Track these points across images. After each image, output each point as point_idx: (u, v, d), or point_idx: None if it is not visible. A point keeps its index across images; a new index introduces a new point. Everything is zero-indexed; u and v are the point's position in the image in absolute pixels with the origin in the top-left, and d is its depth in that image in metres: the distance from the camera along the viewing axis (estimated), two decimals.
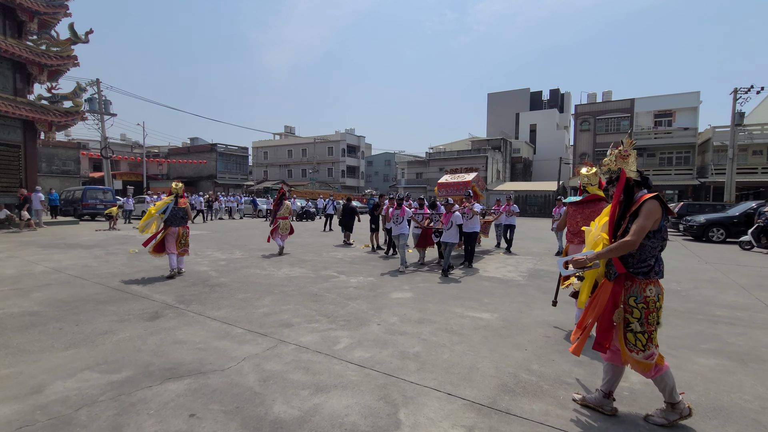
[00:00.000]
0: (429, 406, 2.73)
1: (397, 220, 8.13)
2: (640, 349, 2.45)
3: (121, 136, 52.89)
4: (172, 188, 7.16)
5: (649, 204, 2.40)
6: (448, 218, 7.45)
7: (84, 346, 3.71)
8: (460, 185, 10.63)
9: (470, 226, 8.35)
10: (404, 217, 8.10)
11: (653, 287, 2.45)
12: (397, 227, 8.16)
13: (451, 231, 7.47)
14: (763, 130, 28.88)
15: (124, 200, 20.47)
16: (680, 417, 2.51)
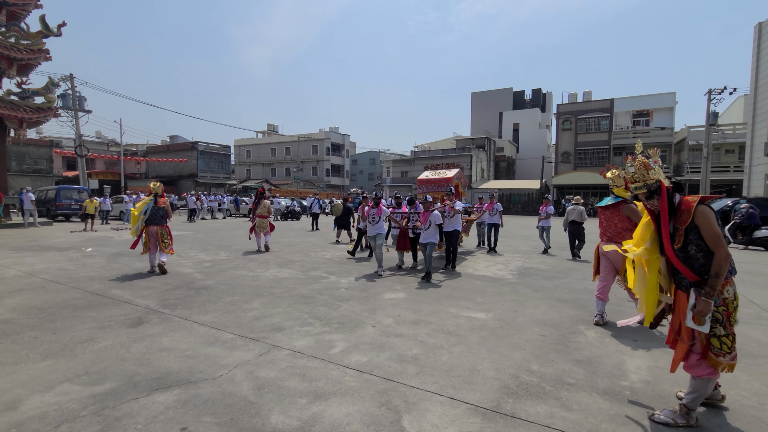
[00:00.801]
0: (432, 411, 2.65)
1: (374, 219, 7.53)
2: (727, 351, 2.40)
3: (96, 133, 51.06)
4: (151, 188, 7.35)
5: (706, 210, 2.37)
6: (427, 217, 7.01)
7: (62, 356, 3.49)
8: (441, 182, 10.10)
9: (452, 224, 7.87)
10: (381, 216, 7.56)
11: (729, 288, 2.42)
12: (373, 227, 7.56)
13: (430, 231, 6.99)
14: (735, 130, 29.99)
15: (101, 200, 19.72)
16: (687, 424, 2.48)
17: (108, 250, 9.79)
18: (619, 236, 4.47)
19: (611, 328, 4.42)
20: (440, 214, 7.15)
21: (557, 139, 38.46)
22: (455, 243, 8.03)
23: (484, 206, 11.09)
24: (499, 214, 10.66)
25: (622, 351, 3.74)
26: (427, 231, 7.01)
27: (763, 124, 21.02)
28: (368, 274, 7.27)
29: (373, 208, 7.60)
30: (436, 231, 7.02)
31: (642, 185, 2.55)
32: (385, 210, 7.62)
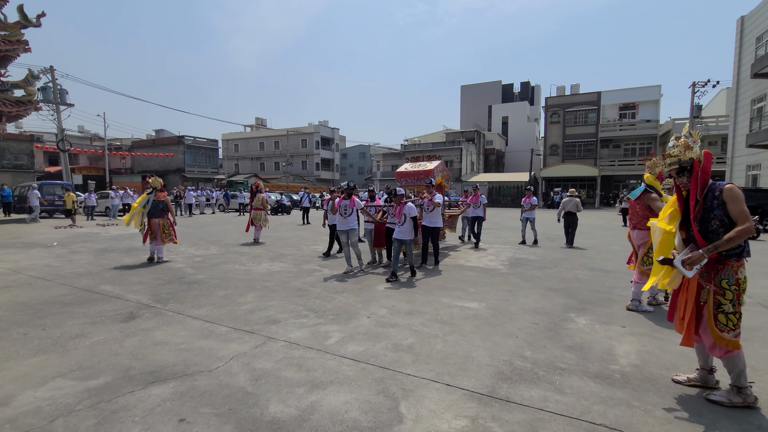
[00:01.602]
0: (429, 398, 2.69)
1: (346, 211, 6.88)
2: (731, 328, 2.54)
3: (79, 127, 49.81)
4: (150, 182, 7.89)
5: (735, 189, 2.52)
6: (401, 211, 6.39)
7: (53, 351, 3.44)
8: (421, 174, 9.23)
9: (432, 220, 7.32)
10: (354, 209, 6.93)
11: (743, 269, 2.55)
12: (344, 221, 6.89)
13: (405, 227, 6.35)
14: (718, 122, 30.62)
15: (86, 196, 19.31)
16: (744, 402, 2.55)
17: (95, 246, 9.62)
18: (640, 224, 4.76)
19: (600, 315, 4.52)
20: (414, 207, 6.53)
21: (546, 132, 38.79)
22: (437, 240, 7.58)
23: (468, 199, 10.55)
24: (483, 207, 10.19)
25: (612, 336, 3.83)
26: (402, 226, 6.39)
27: (745, 116, 21.51)
28: (361, 267, 7.29)
29: (345, 200, 6.95)
30: (411, 226, 6.39)
31: (676, 161, 2.70)
32: (358, 202, 6.98)
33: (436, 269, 7.13)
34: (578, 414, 2.49)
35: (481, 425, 2.38)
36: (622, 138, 35.56)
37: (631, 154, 35.68)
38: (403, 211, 6.35)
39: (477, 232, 10.08)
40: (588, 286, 5.83)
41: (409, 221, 6.37)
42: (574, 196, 10.18)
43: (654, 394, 2.73)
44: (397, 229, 6.43)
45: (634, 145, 35.66)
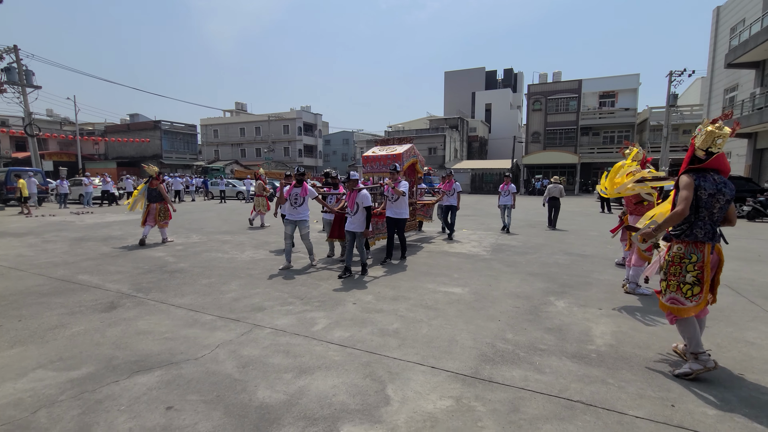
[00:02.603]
0: (415, 380, 2.76)
1: (297, 201, 6.09)
2: (662, 292, 2.96)
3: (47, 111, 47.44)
4: (147, 171, 8.38)
5: (681, 177, 2.82)
6: (353, 199, 5.65)
7: (32, 343, 3.36)
8: (389, 159, 8.03)
9: (397, 210, 6.55)
10: (306, 198, 6.16)
11: (680, 247, 2.86)
12: (295, 211, 6.12)
13: (358, 217, 5.63)
14: (693, 111, 31.55)
15: (58, 183, 18.57)
16: (705, 368, 2.75)
17: (70, 235, 9.31)
18: (636, 210, 5.18)
19: (578, 298, 4.68)
20: (368, 195, 5.68)
21: (528, 120, 39.16)
22: (402, 232, 6.77)
23: (443, 186, 9.59)
24: (457, 195, 9.28)
25: (589, 318, 3.99)
26: (354, 216, 5.67)
27: (718, 106, 22.23)
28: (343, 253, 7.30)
29: (297, 187, 6.13)
30: (364, 217, 5.61)
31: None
32: (311, 190, 6.24)
33: (402, 264, 6.47)
34: (557, 392, 2.61)
35: (465, 405, 2.46)
36: (601, 126, 36.25)
37: (610, 141, 36.46)
38: (356, 200, 5.62)
39: (450, 222, 9.31)
40: (567, 271, 6.02)
41: (362, 211, 5.60)
42: (558, 183, 11.14)
43: (627, 372, 2.88)
44: (349, 220, 5.73)
45: (613, 133, 36.43)
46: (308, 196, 6.20)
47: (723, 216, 2.85)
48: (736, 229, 11.19)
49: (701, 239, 2.78)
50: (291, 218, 6.18)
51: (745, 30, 17.76)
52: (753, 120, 16.88)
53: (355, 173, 5.83)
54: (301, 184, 6.19)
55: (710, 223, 2.79)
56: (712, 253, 2.80)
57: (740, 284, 5.29)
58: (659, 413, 2.37)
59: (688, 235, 2.81)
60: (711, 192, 2.72)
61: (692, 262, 2.79)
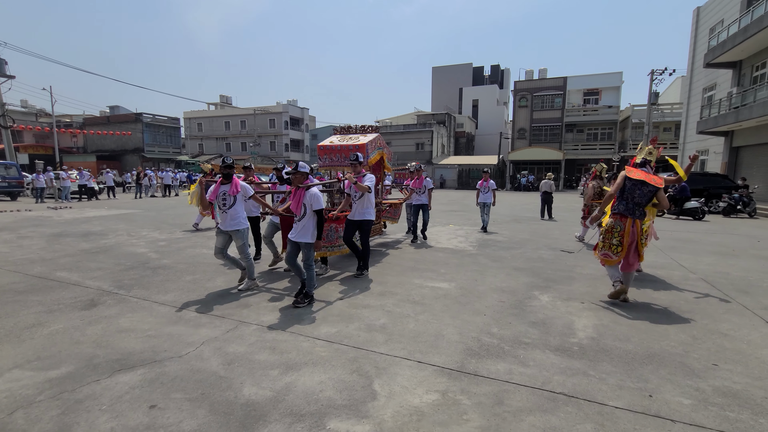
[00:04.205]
0: (401, 375, 2.79)
1: (226, 201, 4.63)
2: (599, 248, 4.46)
3: (22, 102, 45.71)
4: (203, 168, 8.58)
5: (620, 174, 4.42)
6: (299, 200, 4.25)
7: (7, 342, 3.26)
8: (350, 150, 6.60)
9: (360, 210, 5.38)
10: (238, 197, 4.68)
11: (612, 219, 4.38)
12: (226, 216, 4.66)
13: (304, 221, 4.23)
14: (673, 109, 32.33)
15: (34, 176, 17.96)
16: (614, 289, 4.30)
17: (47, 231, 9.03)
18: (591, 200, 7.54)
19: (562, 292, 4.78)
20: (320, 195, 4.33)
21: (514, 116, 39.52)
22: (366, 238, 5.52)
23: (411, 183, 8.36)
24: (429, 192, 8.22)
25: (571, 312, 4.08)
26: (300, 222, 4.26)
27: (697, 104, 22.82)
28: None
29: (225, 184, 4.67)
30: (312, 223, 4.24)
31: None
32: (245, 187, 4.75)
33: (364, 277, 5.33)
34: (540, 384, 2.67)
35: (451, 398, 2.50)
36: (585, 123, 36.85)
37: (594, 138, 37.12)
38: (304, 200, 4.22)
39: (423, 222, 8.22)
40: (551, 266, 6.13)
41: (311, 216, 4.22)
42: (550, 180, 12.48)
43: (608, 364, 2.96)
44: (294, 226, 4.32)
45: (596, 130, 37.08)
46: (241, 196, 4.71)
47: (644, 201, 4.28)
48: (712, 225, 11.56)
49: (623, 213, 4.28)
50: (225, 226, 4.68)
51: (724, 30, 18.24)
52: (729, 119, 17.39)
53: (305, 165, 4.35)
54: (230, 179, 4.67)
55: (631, 204, 4.28)
56: (633, 226, 4.25)
57: (715, 278, 5.48)
58: (638, 403, 2.44)
59: (615, 210, 4.36)
60: (631, 184, 4.28)
61: (617, 230, 4.28)
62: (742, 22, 16.59)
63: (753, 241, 8.59)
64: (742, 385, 2.67)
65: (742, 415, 2.33)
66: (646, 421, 2.26)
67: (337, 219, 5.70)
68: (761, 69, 17.47)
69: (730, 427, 2.23)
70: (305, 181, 4.37)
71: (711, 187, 15.13)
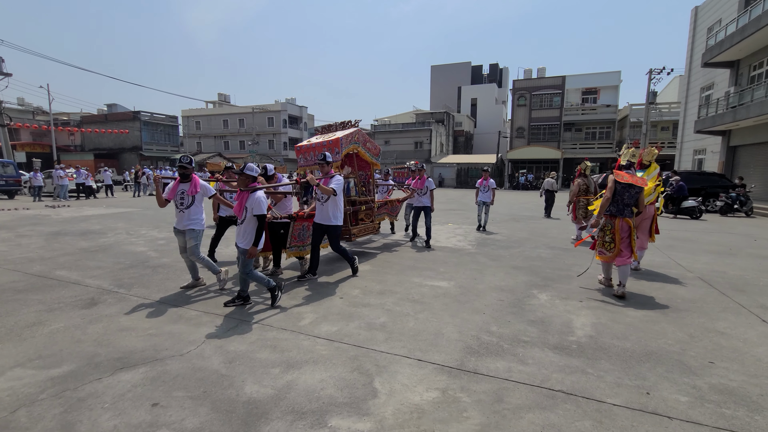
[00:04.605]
0: (402, 373, 2.81)
1: (183, 201, 4.49)
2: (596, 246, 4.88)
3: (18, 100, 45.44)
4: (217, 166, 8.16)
5: (610, 177, 4.68)
6: (242, 203, 4.04)
7: (8, 341, 3.26)
8: (325, 147, 6.07)
9: (324, 214, 5.00)
10: (197, 197, 4.54)
11: (605, 219, 4.74)
12: (182, 216, 4.51)
13: (245, 228, 4.05)
14: (671, 108, 32.43)
15: (32, 175, 17.90)
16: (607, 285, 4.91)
17: (45, 230, 9.02)
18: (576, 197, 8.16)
19: (560, 291, 4.81)
20: (264, 201, 4.05)
21: (512, 115, 39.58)
22: (336, 243, 5.21)
23: (412, 183, 7.86)
24: (430, 194, 7.57)
25: (570, 311, 4.11)
26: (241, 226, 4.08)
27: (694, 104, 22.89)
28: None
29: (183, 183, 4.51)
30: (253, 227, 4.03)
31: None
32: (205, 186, 4.58)
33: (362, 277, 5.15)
34: (539, 382, 2.69)
35: (451, 396, 2.52)
36: (583, 122, 36.93)
37: (592, 137, 37.21)
38: (246, 203, 4.00)
39: (426, 229, 7.55)
40: (549, 264, 6.16)
41: (251, 221, 4.01)
42: (552, 178, 13.09)
43: (606, 362, 2.99)
44: (237, 231, 4.14)
45: (595, 129, 37.18)
46: (201, 196, 4.56)
47: (632, 202, 4.61)
48: (709, 224, 11.62)
49: (613, 213, 4.66)
50: (179, 225, 4.54)
51: (721, 30, 18.29)
52: (727, 118, 17.47)
53: (253, 166, 4.17)
54: (188, 178, 4.51)
55: (621, 205, 4.62)
56: (622, 224, 4.62)
57: (712, 276, 5.52)
58: (635, 401, 2.47)
59: (607, 211, 4.70)
60: (621, 188, 4.60)
61: (609, 229, 4.70)
62: (739, 21, 16.65)
63: (750, 240, 8.65)
64: (739, 382, 2.71)
65: (738, 412, 2.36)
66: (643, 418, 2.29)
67: (309, 218, 5.40)
68: (759, 68, 17.54)
69: (726, 424, 2.26)
70: (251, 184, 4.13)
71: (708, 186, 15.20)
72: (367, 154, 6.85)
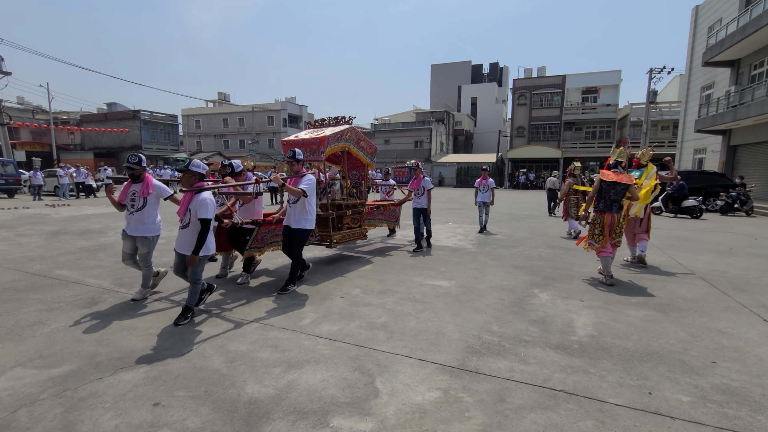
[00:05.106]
0: (403, 372, 2.80)
1: (134, 203, 4.12)
2: (587, 238, 5.36)
3: (18, 99, 45.41)
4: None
5: (596, 176, 5.27)
6: (185, 205, 3.64)
7: (9, 340, 3.26)
8: (313, 144, 5.57)
9: (296, 217, 4.49)
10: (150, 199, 4.18)
11: (594, 214, 5.23)
12: (132, 219, 4.15)
13: (187, 233, 3.64)
14: (671, 107, 32.40)
15: (31, 174, 17.89)
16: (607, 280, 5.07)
17: (45, 229, 9.01)
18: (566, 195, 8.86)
19: (561, 290, 4.80)
20: (211, 203, 3.60)
21: (513, 114, 39.53)
22: (299, 249, 4.61)
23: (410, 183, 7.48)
24: (428, 194, 7.10)
25: (571, 310, 4.10)
26: (183, 230, 3.68)
27: (695, 103, 22.87)
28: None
29: (136, 183, 4.15)
30: (193, 233, 3.58)
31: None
32: (159, 186, 4.25)
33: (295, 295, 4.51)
34: (541, 382, 2.69)
35: (453, 396, 2.51)
36: (584, 121, 36.89)
37: (592, 136, 37.17)
38: (190, 205, 3.59)
39: (426, 230, 7.29)
40: (550, 264, 6.16)
41: (195, 226, 3.56)
42: (554, 177, 13.43)
43: (608, 362, 2.98)
44: (178, 235, 3.73)
45: (595, 128, 37.14)
46: (155, 197, 4.21)
47: (618, 198, 5.06)
48: (710, 223, 11.62)
49: (602, 209, 5.13)
50: (131, 230, 4.16)
51: (722, 29, 18.26)
52: (727, 117, 17.45)
53: (200, 163, 3.72)
54: (139, 178, 4.12)
55: (609, 201, 5.09)
56: (611, 218, 5.07)
57: (713, 276, 5.52)
58: (637, 400, 2.47)
59: (596, 207, 5.21)
60: (606, 186, 5.08)
61: (598, 223, 5.15)
62: (740, 20, 16.62)
63: (750, 240, 8.64)
64: (741, 382, 2.70)
65: (741, 412, 2.36)
66: (645, 418, 2.29)
67: (279, 222, 4.99)
68: (759, 68, 17.51)
69: (728, 424, 2.25)
70: (197, 183, 3.69)
71: (709, 185, 15.19)
72: (361, 153, 6.32)
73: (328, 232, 5.86)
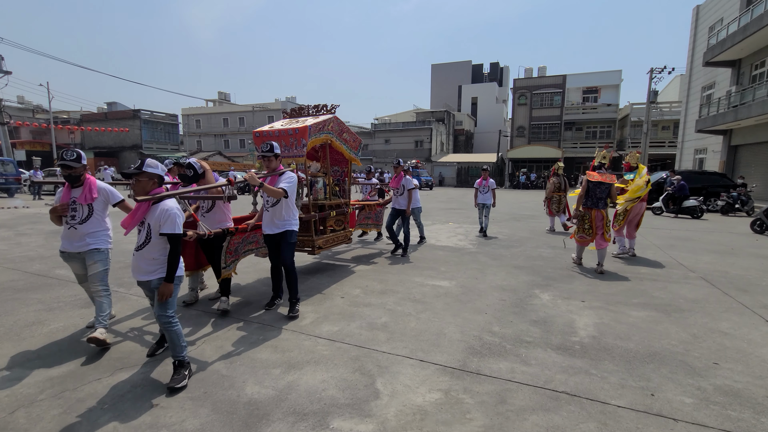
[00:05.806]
0: (404, 373, 2.78)
1: (76, 214, 3.21)
2: (576, 232, 5.90)
3: (18, 98, 45.43)
4: None
5: (584, 177, 5.78)
6: (139, 217, 2.63)
7: (7, 340, 3.24)
8: (290, 136, 4.77)
9: (277, 222, 3.85)
10: (96, 206, 3.29)
11: (582, 211, 5.74)
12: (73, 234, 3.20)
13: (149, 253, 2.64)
14: (672, 107, 32.36)
15: (32, 173, 17.87)
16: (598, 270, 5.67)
17: (45, 228, 8.99)
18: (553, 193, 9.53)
19: (562, 291, 4.79)
20: (176, 214, 2.63)
21: (513, 114, 39.49)
22: (290, 257, 3.93)
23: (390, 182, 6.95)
24: (409, 194, 6.49)
25: (572, 311, 4.08)
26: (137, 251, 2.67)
27: (695, 103, 22.84)
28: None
29: (76, 188, 3.23)
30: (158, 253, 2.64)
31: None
32: (108, 191, 3.39)
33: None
34: (542, 383, 2.67)
35: (454, 397, 2.50)
36: (584, 121, 36.86)
37: (592, 136, 37.13)
38: (147, 218, 2.64)
39: (405, 235, 6.63)
40: (551, 264, 6.14)
41: (159, 245, 2.65)
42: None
43: (609, 363, 2.97)
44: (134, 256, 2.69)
45: (595, 128, 37.10)
46: (102, 203, 3.33)
47: (603, 196, 5.59)
48: (710, 223, 11.59)
49: (589, 206, 5.65)
50: (67, 249, 3.22)
51: (723, 29, 18.23)
52: (728, 117, 17.41)
53: (158, 163, 2.75)
54: (78, 180, 3.21)
55: (595, 199, 5.61)
56: (597, 214, 5.58)
57: (714, 276, 5.50)
58: (640, 402, 2.45)
59: (584, 204, 5.70)
60: (592, 185, 5.62)
61: (587, 219, 5.67)
62: (741, 20, 16.59)
63: (751, 240, 8.62)
64: (744, 383, 2.68)
65: (744, 414, 2.34)
66: (648, 420, 2.27)
67: (255, 229, 4.19)
68: (760, 68, 17.48)
69: (732, 426, 2.23)
70: (155, 189, 2.69)
71: (709, 185, 15.16)
72: (344, 147, 5.59)
73: (311, 237, 5.12)
